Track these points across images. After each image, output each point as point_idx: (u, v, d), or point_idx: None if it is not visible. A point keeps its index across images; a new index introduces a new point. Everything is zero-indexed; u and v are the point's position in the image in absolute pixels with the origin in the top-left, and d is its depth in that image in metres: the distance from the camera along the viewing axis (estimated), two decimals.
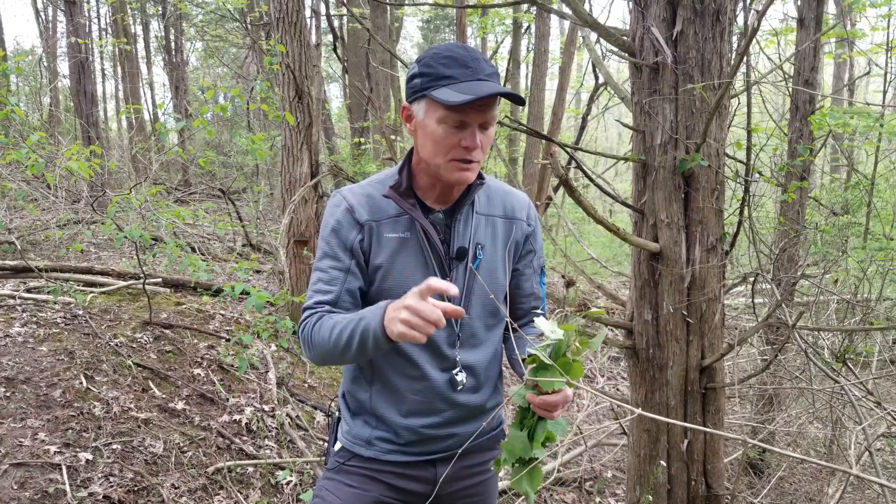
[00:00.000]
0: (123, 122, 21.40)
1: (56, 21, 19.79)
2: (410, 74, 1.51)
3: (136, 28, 21.05)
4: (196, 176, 12.39)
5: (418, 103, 1.49)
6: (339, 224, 1.56)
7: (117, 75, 21.92)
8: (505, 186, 1.71)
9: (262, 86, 4.18)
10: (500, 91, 1.40)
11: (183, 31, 18.80)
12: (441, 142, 1.46)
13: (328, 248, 1.58)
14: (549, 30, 9.40)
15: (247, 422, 3.93)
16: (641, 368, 2.80)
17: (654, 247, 2.57)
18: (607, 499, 4.76)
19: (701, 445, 2.77)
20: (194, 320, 4.88)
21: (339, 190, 1.63)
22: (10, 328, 3.99)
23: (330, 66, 22.21)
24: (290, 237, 5.37)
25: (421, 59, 1.49)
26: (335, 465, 1.71)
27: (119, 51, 17.74)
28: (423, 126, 1.49)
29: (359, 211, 1.56)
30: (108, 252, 6.84)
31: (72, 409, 3.43)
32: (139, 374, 3.92)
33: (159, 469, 3.29)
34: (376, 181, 1.63)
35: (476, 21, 12.60)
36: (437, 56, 1.46)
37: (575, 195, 1.95)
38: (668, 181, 2.53)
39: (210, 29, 15.78)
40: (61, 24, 19.11)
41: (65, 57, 15.82)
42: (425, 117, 1.48)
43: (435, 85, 1.43)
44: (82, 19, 9.70)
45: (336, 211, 1.58)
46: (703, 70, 2.44)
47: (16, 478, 2.88)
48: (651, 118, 2.52)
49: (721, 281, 2.62)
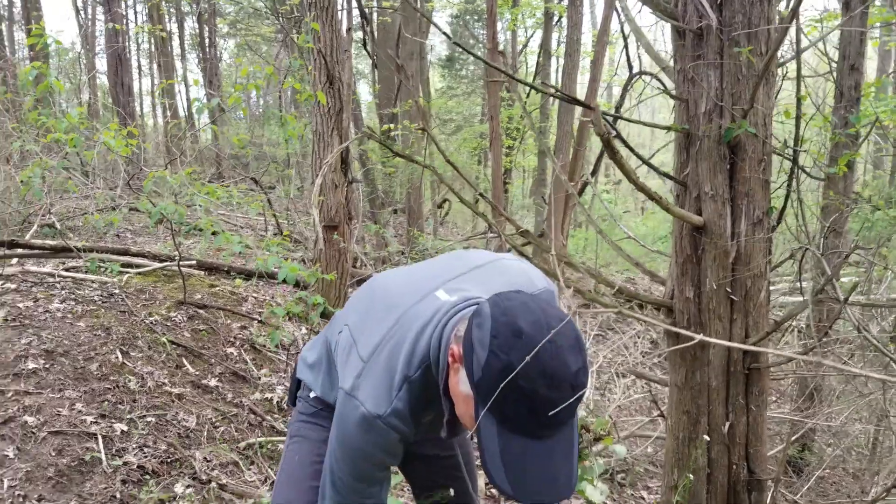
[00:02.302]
0: (159, 118, 21.74)
1: (95, 18, 20.17)
2: (476, 344, 1.16)
3: (170, 25, 21.36)
4: (229, 168, 12.53)
5: (467, 383, 1.19)
6: (384, 452, 1.36)
7: (153, 71, 22.30)
8: None
9: (296, 63, 4.17)
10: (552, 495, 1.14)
11: (216, 27, 19.04)
12: (469, 424, 1.23)
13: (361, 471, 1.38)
14: (582, 18, 9.29)
15: (278, 400, 3.94)
16: (682, 348, 2.73)
17: (697, 220, 2.50)
18: (640, 492, 4.68)
19: (743, 428, 2.68)
20: (227, 302, 4.91)
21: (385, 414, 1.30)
22: (50, 304, 4.04)
23: (358, 65, 22.29)
24: (320, 220, 5.37)
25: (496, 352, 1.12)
26: (311, 410, 1.67)
27: (155, 46, 18.01)
28: (463, 399, 1.23)
29: (409, 434, 1.35)
30: (144, 238, 6.93)
31: (108, 382, 3.46)
32: (173, 351, 3.95)
33: (192, 442, 3.31)
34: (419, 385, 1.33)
35: (507, 14, 12.53)
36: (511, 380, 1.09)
37: (616, 157, 1.90)
38: (712, 151, 2.46)
39: (243, 23, 15.95)
40: (100, 22, 19.48)
41: (103, 54, 16.12)
42: (467, 399, 1.21)
43: (492, 410, 1.13)
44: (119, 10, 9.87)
45: (383, 440, 1.33)
46: (750, 35, 2.36)
47: (54, 445, 2.91)
48: (695, 85, 2.45)
49: (767, 256, 2.54)
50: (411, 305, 1.38)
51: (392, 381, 1.31)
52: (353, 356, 1.37)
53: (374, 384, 1.31)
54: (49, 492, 2.71)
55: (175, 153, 8.21)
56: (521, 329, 1.13)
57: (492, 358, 1.12)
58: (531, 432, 1.12)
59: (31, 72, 3.26)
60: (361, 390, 1.32)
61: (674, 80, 2.62)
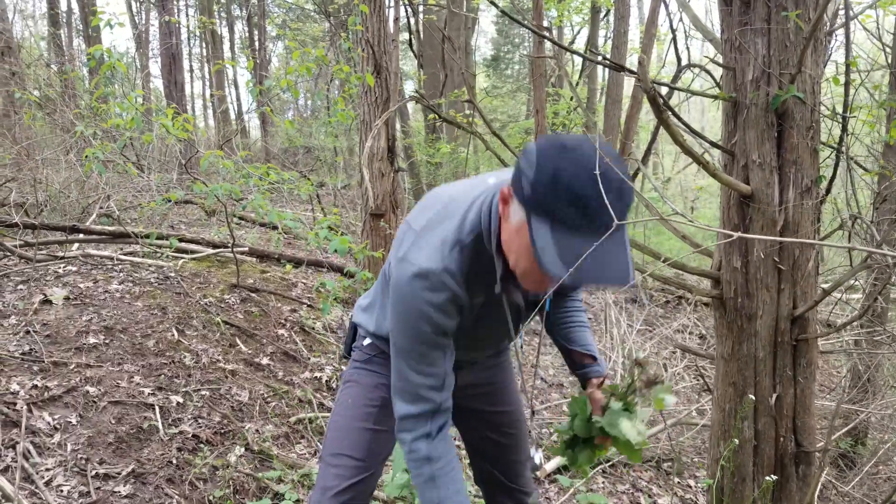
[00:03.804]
0: (210, 119, 22.31)
1: (149, 24, 20.85)
2: (524, 168, 1.20)
3: (221, 30, 21.93)
4: (278, 165, 12.81)
5: (519, 206, 1.23)
6: (441, 315, 1.38)
7: (204, 74, 22.90)
8: None
9: (345, 45, 4.26)
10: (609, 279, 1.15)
11: (266, 30, 19.47)
12: (524, 264, 1.27)
13: (425, 336, 1.40)
14: (629, 11, 9.22)
15: (326, 379, 4.03)
16: (729, 319, 2.70)
17: (745, 188, 2.47)
18: (686, 480, 4.63)
19: (791, 400, 2.64)
20: (278, 286, 5.03)
21: (436, 269, 1.35)
22: (109, 285, 4.22)
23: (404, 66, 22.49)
24: (366, 210, 5.46)
25: (544, 164, 1.16)
26: (365, 357, 1.72)
27: (206, 47, 18.48)
28: (515, 232, 1.26)
29: (460, 298, 1.39)
30: (198, 228, 7.15)
31: (164, 357, 3.60)
32: (227, 330, 4.08)
33: (244, 415, 3.41)
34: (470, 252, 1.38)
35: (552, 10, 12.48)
36: (560, 182, 1.13)
37: (663, 118, 1.90)
38: (760, 119, 2.44)
39: (292, 25, 16.27)
40: (153, 27, 20.12)
41: (156, 56, 16.64)
42: (519, 229, 1.24)
43: (543, 215, 1.16)
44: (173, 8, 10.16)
45: (437, 298, 1.36)
46: (798, 0, 2.34)
47: (114, 413, 3.05)
48: (742, 53, 2.43)
49: (816, 225, 2.50)
50: (463, 191, 1.46)
51: (445, 244, 1.36)
52: (407, 234, 1.44)
53: (427, 247, 1.37)
54: (109, 456, 2.83)
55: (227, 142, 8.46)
56: (564, 143, 1.18)
57: (540, 170, 1.15)
58: (583, 230, 1.13)
59: (96, 51, 3.44)
60: (414, 253, 1.37)
61: (720, 50, 2.60)
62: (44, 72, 8.20)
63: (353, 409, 1.67)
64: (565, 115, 14.07)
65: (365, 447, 1.63)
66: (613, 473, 4.46)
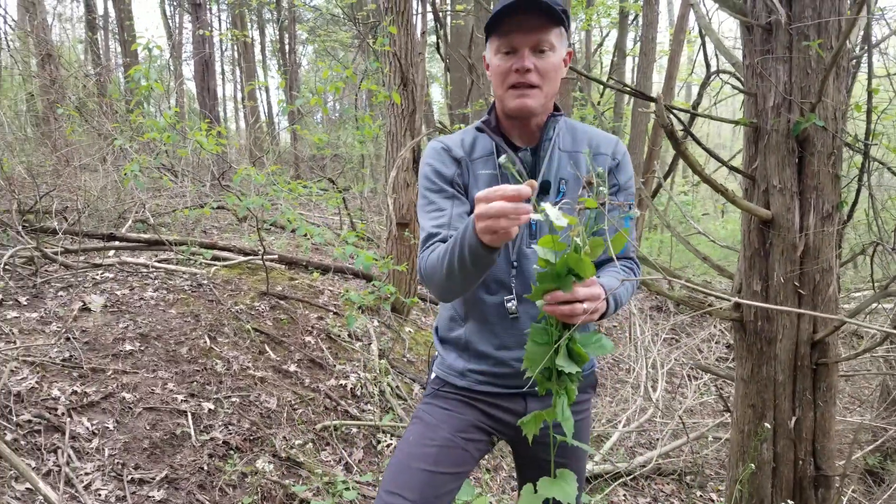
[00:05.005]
0: (241, 122, 22.66)
1: (182, 27, 21.24)
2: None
3: (253, 33, 22.27)
4: (307, 170, 12.98)
5: (487, 46, 1.60)
6: (437, 162, 1.68)
7: (236, 77, 23.27)
8: (593, 129, 1.74)
9: (373, 65, 4.36)
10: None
11: (296, 34, 19.73)
12: (497, 71, 1.57)
13: (430, 184, 1.67)
14: (658, 16, 9.19)
15: (352, 387, 4.12)
16: (749, 342, 2.74)
17: (765, 213, 2.51)
18: (709, 493, 4.63)
19: (810, 423, 2.67)
20: (306, 294, 5.15)
21: (439, 139, 1.74)
22: (144, 292, 4.36)
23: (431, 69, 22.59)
24: (394, 217, 5.55)
25: None
26: (431, 392, 1.79)
27: (238, 52, 18.78)
28: (489, 65, 1.61)
29: (454, 150, 1.68)
30: (230, 234, 7.31)
31: (197, 364, 3.72)
32: (256, 337, 4.19)
33: (272, 422, 3.52)
34: (467, 129, 1.75)
35: (581, 14, 12.48)
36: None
37: (680, 148, 1.94)
38: (781, 145, 2.47)
39: (321, 29, 16.46)
40: (186, 31, 20.52)
41: (189, 61, 16.96)
42: (489, 56, 1.59)
43: (489, 24, 1.53)
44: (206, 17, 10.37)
45: (433, 152, 1.70)
46: (820, 29, 2.36)
47: (148, 420, 3.17)
48: (763, 80, 2.46)
49: (836, 250, 2.52)
50: None
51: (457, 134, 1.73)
52: None
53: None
54: (144, 461, 2.95)
55: (257, 154, 8.62)
56: None
57: None
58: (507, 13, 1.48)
59: (136, 73, 3.58)
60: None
61: (742, 75, 2.64)
62: (82, 80, 8.44)
63: (413, 448, 1.67)
64: (592, 120, 14.05)
65: (418, 489, 1.61)
66: (635, 486, 4.49)
